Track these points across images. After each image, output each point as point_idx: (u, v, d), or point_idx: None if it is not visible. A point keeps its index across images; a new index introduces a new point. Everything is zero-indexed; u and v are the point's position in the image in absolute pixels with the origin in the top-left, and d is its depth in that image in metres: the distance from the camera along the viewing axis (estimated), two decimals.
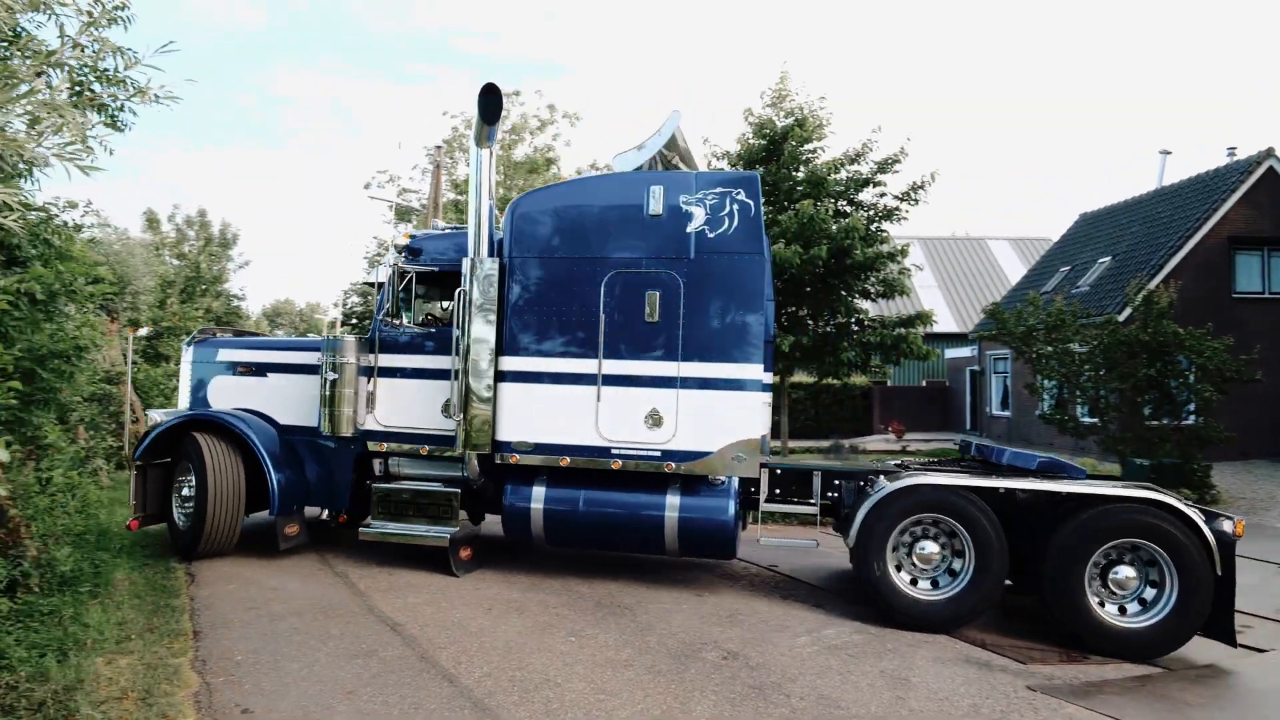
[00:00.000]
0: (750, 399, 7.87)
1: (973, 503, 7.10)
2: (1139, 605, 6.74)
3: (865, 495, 7.49)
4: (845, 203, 16.88)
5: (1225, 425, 14.35)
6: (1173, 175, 28.73)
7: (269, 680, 5.47)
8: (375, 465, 9.12)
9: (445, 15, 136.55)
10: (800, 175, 16.73)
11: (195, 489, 8.85)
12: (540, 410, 8.35)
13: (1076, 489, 6.99)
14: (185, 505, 9.10)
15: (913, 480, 7.30)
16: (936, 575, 7.24)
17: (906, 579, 7.24)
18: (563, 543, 8.61)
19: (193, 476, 8.93)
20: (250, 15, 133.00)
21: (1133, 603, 6.77)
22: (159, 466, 9.26)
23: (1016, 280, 33.41)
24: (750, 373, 7.89)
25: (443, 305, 10.32)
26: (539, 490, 8.32)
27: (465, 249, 8.63)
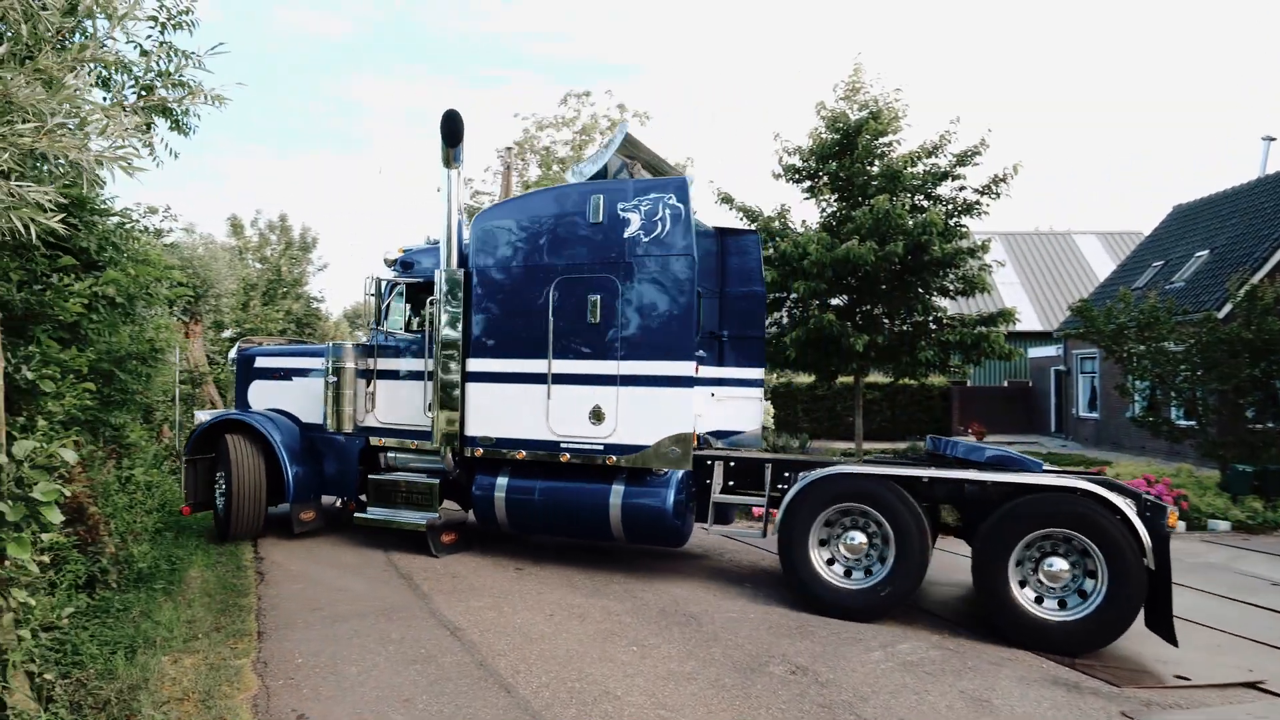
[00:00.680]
0: (681, 394, 8.21)
1: (892, 491, 7.17)
2: (1079, 598, 6.59)
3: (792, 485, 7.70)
4: (922, 197, 16.30)
5: None
6: (1276, 163, 27.09)
7: (327, 685, 5.42)
8: (381, 459, 10.04)
9: (516, 20, 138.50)
10: (875, 170, 16.22)
11: (224, 481, 9.91)
12: (500, 408, 9.04)
13: (995, 477, 6.97)
14: (222, 495, 10.06)
15: (834, 470, 7.47)
16: (869, 564, 7.35)
17: (839, 569, 7.42)
18: (523, 529, 9.25)
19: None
20: (334, 26, 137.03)
21: (1071, 596, 6.63)
22: (206, 460, 10.25)
23: (1105, 276, 31.97)
24: (681, 369, 8.24)
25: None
26: (502, 480, 8.98)
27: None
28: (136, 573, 8.07)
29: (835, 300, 16.57)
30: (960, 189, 16.19)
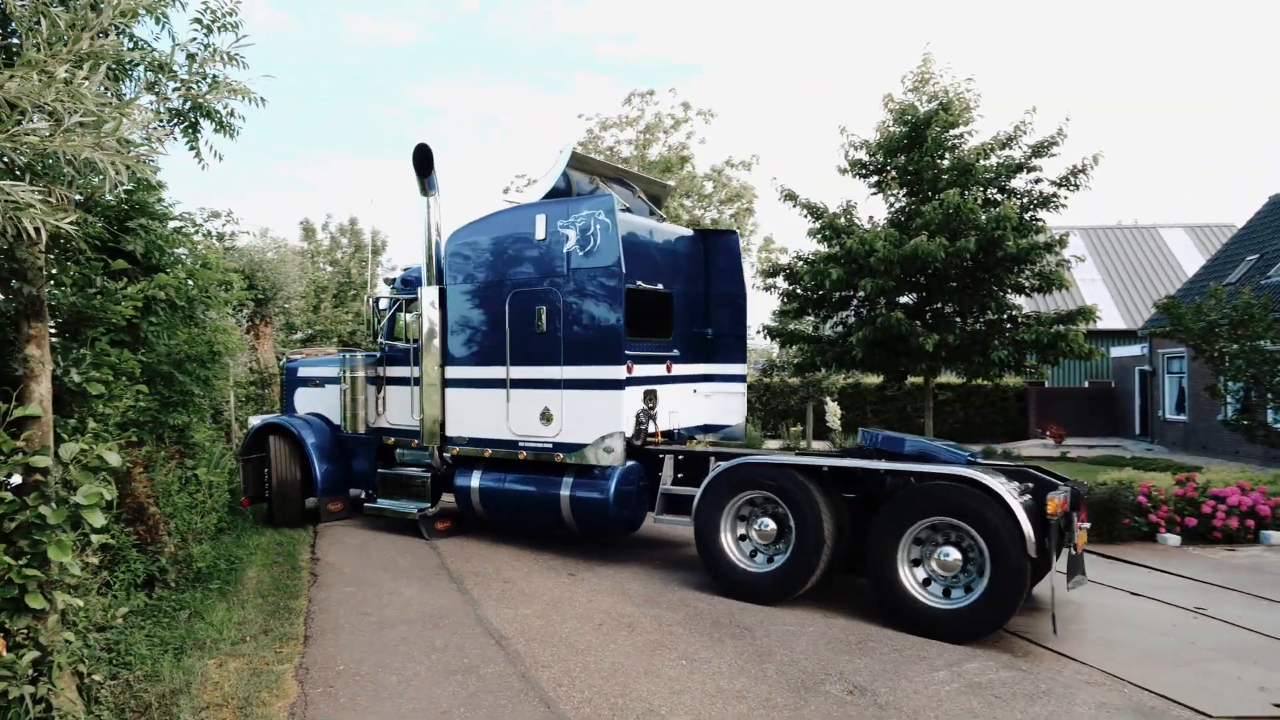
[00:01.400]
0: (613, 395, 8.86)
1: (790, 479, 7.49)
2: (965, 587, 6.73)
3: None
4: (995, 191, 15.64)
5: None
6: None
7: (365, 694, 5.31)
8: (396, 454, 11.00)
9: (583, 22, 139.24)
10: (945, 163, 15.63)
11: (268, 477, 11.32)
12: (471, 410, 10.01)
13: (885, 466, 7.28)
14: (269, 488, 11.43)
15: (740, 460, 7.95)
16: (776, 551, 7.74)
17: (749, 553, 7.87)
18: (495, 518, 10.07)
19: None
20: (405, 33, 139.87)
21: (959, 584, 6.77)
22: (257, 458, 11.52)
23: (1194, 271, 30.37)
24: (611, 373, 8.87)
25: None
26: (477, 474, 9.92)
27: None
28: (195, 572, 8.16)
29: (904, 298, 16.03)
30: (1036, 181, 15.49)
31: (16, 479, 4.59)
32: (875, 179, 16.59)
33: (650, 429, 9.44)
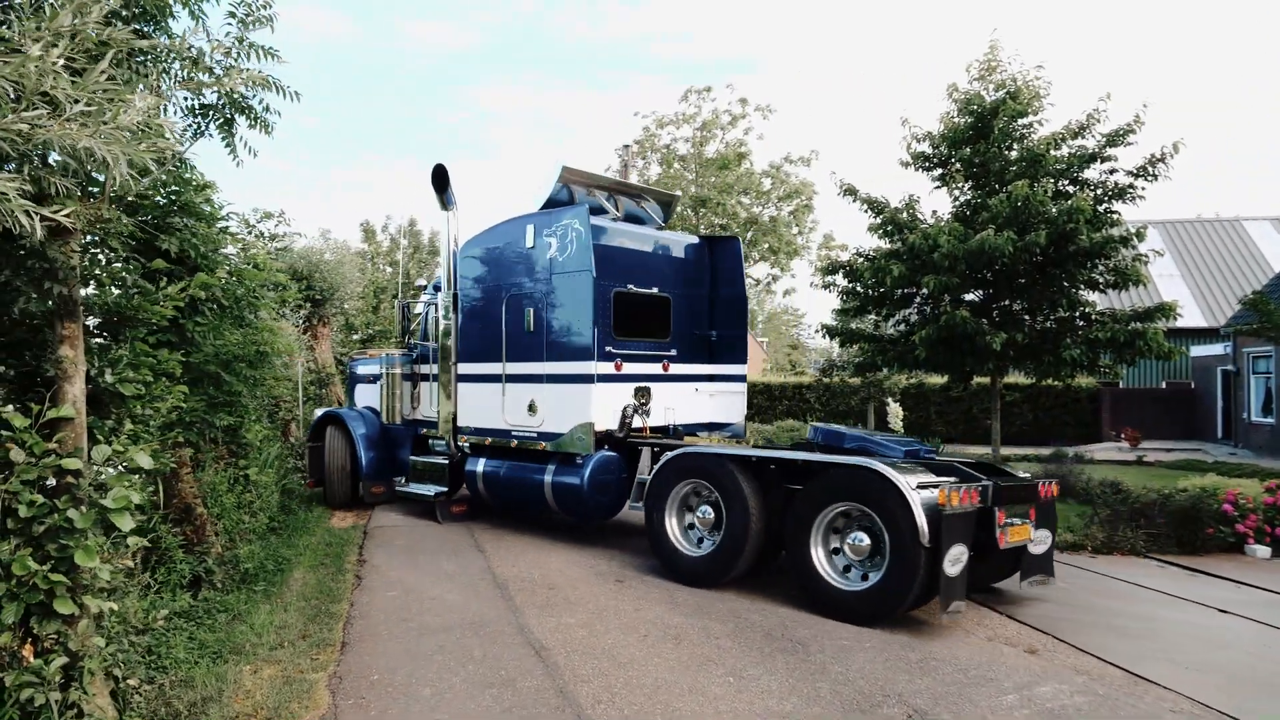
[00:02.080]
0: (584, 389, 9.57)
1: (720, 468, 8.03)
2: (871, 571, 7.09)
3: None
4: (1067, 182, 14.89)
5: None
6: None
7: (396, 706, 5.12)
8: (429, 444, 12.01)
9: (638, 22, 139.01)
10: (1013, 154, 14.94)
11: (325, 462, 12.71)
12: (476, 403, 10.98)
13: (806, 456, 7.68)
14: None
15: (680, 450, 8.57)
16: (707, 535, 8.28)
17: (696, 539, 8.36)
18: (495, 500, 11.04)
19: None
20: (465, 38, 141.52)
21: (865, 568, 7.15)
22: (319, 446, 12.92)
23: None
24: (584, 368, 9.59)
25: None
26: (481, 461, 10.88)
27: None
28: (242, 573, 8.12)
29: (969, 295, 15.39)
30: (1111, 172, 14.71)
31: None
32: (939, 172, 15.95)
33: (637, 423, 10.08)
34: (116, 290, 5.97)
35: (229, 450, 9.70)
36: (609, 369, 9.78)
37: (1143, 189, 14.39)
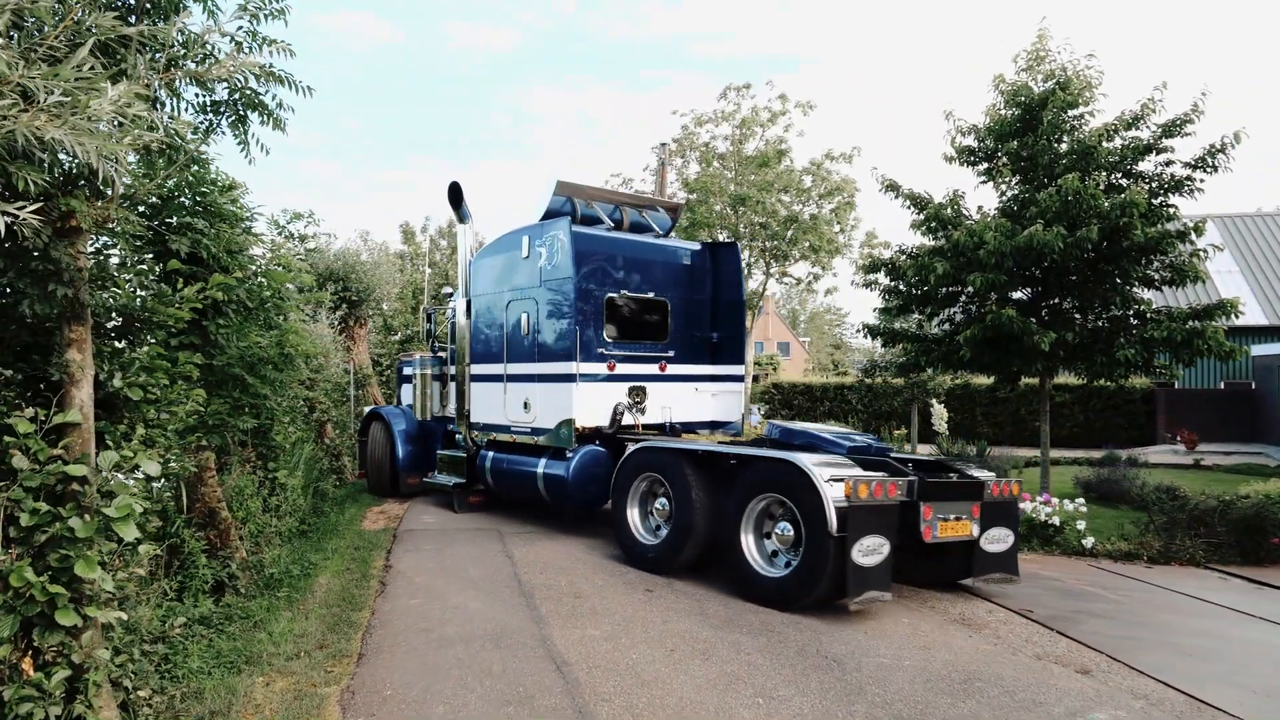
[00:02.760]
0: (566, 388, 10.32)
1: (670, 462, 8.65)
2: (790, 559, 7.47)
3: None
4: (1120, 175, 14.27)
5: None
6: None
7: None
8: (456, 438, 12.82)
9: (678, 21, 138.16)
10: (1063, 147, 14.36)
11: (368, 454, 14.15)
12: (485, 400, 11.91)
13: (742, 451, 8.24)
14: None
15: (640, 445, 9.30)
16: (662, 526, 8.88)
17: (654, 528, 8.99)
18: (500, 490, 11.74)
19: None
20: (507, 39, 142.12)
21: (788, 556, 7.54)
22: (365, 440, 14.35)
23: None
24: (565, 369, 10.33)
25: None
26: (489, 453, 11.66)
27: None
28: (266, 579, 8.01)
29: (1016, 294, 14.84)
30: (1167, 164, 14.06)
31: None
32: (985, 166, 15.38)
33: (629, 420, 10.63)
34: (125, 292, 5.86)
35: (257, 453, 9.62)
36: (598, 369, 10.50)
37: (1201, 181, 13.71)
